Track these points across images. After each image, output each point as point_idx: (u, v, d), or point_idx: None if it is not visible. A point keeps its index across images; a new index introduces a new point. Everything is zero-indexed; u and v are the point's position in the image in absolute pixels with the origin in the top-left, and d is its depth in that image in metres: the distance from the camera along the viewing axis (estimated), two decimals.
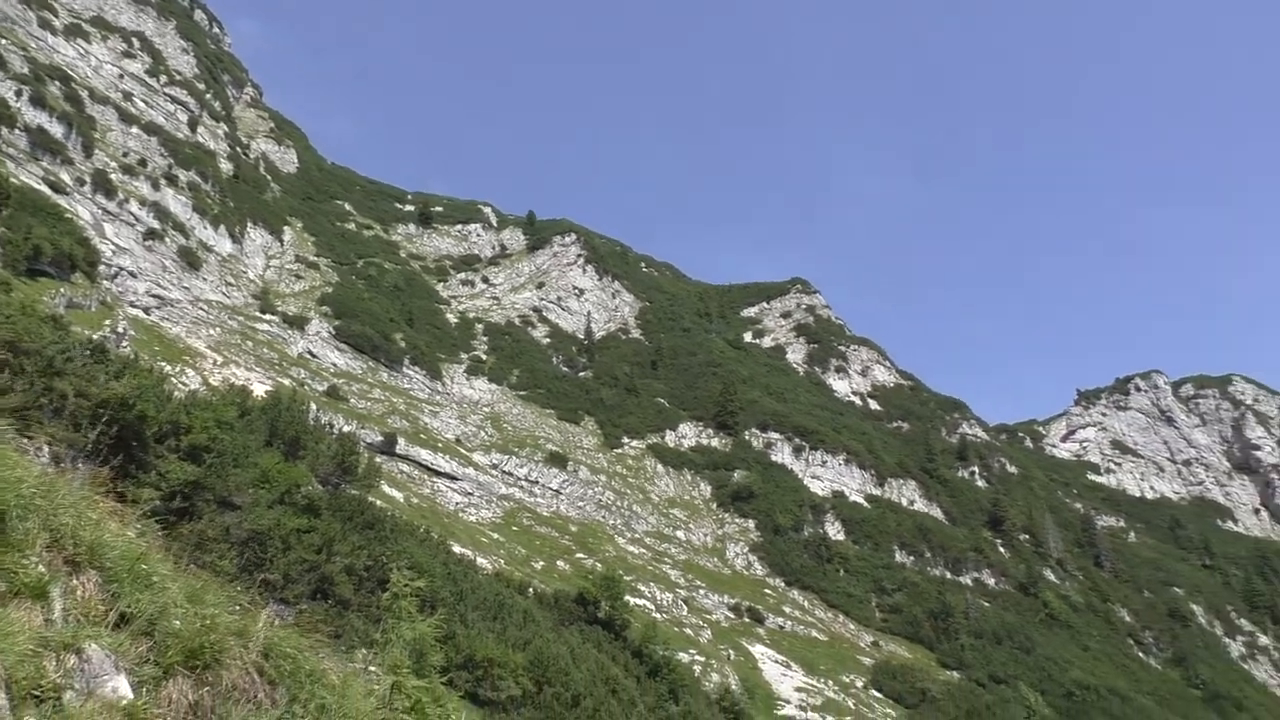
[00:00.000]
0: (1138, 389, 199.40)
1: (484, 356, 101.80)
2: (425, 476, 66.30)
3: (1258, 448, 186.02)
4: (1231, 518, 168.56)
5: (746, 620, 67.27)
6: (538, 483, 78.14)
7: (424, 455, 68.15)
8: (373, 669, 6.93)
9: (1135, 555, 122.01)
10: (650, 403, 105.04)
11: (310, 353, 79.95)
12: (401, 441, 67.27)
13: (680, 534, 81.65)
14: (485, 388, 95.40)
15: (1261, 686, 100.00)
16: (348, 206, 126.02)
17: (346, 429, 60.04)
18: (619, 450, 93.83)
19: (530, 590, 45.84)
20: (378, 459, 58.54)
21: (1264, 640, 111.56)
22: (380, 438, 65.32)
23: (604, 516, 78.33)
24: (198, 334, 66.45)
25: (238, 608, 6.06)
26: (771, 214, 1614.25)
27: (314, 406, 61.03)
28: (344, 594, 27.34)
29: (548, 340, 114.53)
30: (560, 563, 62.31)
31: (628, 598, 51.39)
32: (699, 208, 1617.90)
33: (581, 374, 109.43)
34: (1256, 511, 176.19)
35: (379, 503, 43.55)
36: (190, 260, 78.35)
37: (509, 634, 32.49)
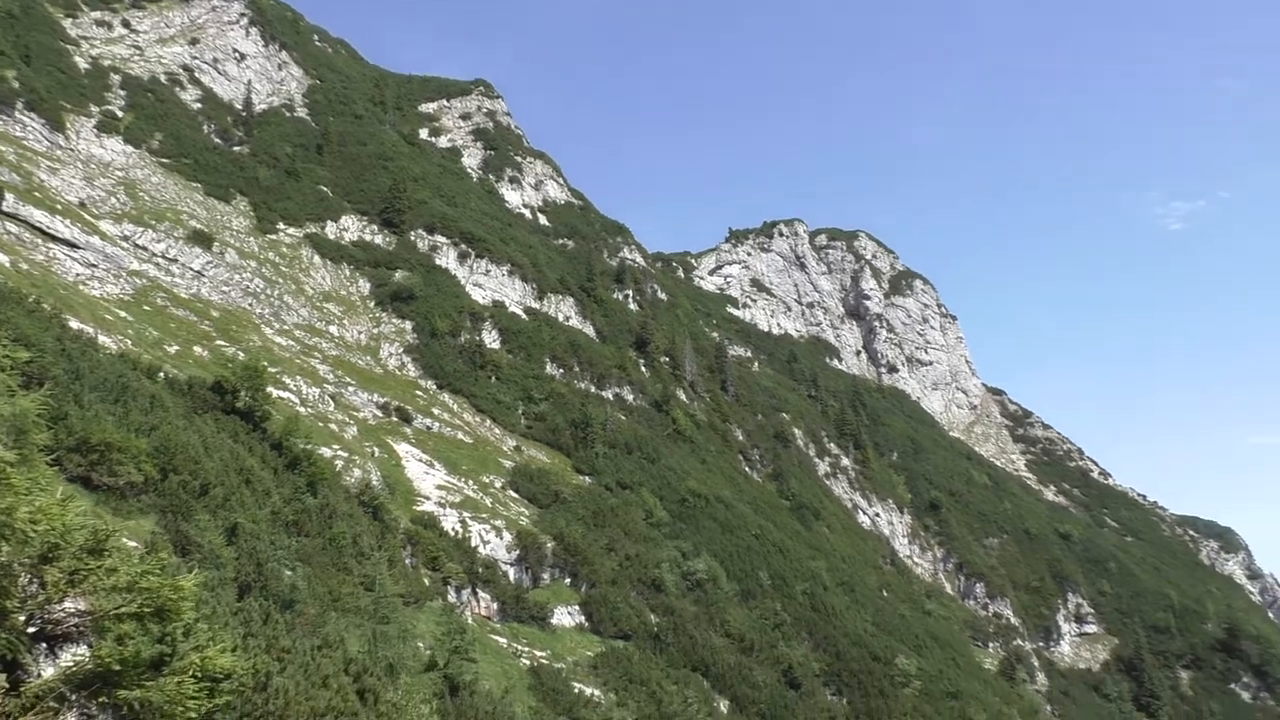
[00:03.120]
0: (780, 234, 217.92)
1: (120, 113, 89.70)
2: (39, 241, 58.41)
3: (868, 298, 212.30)
4: (838, 357, 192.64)
5: (394, 419, 67.47)
6: (177, 261, 71.71)
7: (38, 216, 59.79)
8: None
9: (756, 383, 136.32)
10: (312, 189, 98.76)
11: None
12: (10, 198, 58.41)
13: (333, 329, 79.26)
14: (120, 149, 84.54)
15: (837, 500, 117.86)
16: None
17: None
18: (273, 236, 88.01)
19: (161, 375, 42.73)
20: None
21: (845, 462, 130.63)
22: None
23: (251, 304, 73.95)
24: None
25: None
26: (463, 4, 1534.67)
27: None
28: None
29: (199, 106, 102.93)
30: (198, 349, 58.38)
31: (271, 390, 49.52)
32: None
33: (236, 149, 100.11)
34: (858, 353, 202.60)
35: None
36: None
37: (132, 419, 30.26)
